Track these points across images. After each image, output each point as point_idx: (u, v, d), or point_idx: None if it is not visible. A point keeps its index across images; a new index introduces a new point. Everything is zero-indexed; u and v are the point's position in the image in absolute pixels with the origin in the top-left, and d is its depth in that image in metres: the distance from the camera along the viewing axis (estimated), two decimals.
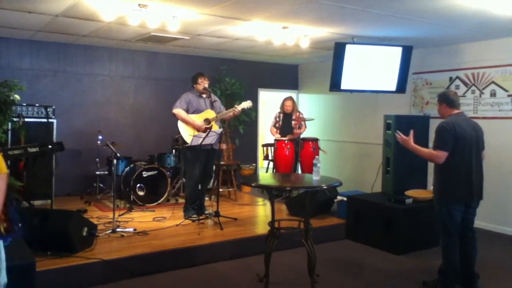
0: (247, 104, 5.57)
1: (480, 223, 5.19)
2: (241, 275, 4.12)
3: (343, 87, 6.09)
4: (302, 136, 6.97)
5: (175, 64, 7.68)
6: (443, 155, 3.56)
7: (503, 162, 5.57)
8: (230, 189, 6.96)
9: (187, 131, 5.31)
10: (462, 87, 6.07)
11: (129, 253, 4.11)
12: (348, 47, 5.85)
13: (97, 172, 6.57)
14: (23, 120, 5.73)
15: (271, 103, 9.06)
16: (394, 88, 6.26)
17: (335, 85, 6.05)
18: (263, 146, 7.37)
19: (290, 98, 7.05)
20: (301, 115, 6.95)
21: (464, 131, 3.60)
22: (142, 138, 7.42)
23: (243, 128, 7.86)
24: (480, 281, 3.78)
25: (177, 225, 5.10)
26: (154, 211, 5.85)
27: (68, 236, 3.91)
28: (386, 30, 5.42)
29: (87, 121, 6.91)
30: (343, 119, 8.01)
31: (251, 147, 8.47)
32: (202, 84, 5.45)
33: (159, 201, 6.23)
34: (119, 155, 5.43)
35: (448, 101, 3.75)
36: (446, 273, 3.69)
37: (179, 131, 5.36)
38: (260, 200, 6.82)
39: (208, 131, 5.07)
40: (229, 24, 5.23)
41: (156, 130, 7.47)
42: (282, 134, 6.90)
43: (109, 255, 3.99)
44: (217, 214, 5.13)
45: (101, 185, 6.67)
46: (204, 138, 5.03)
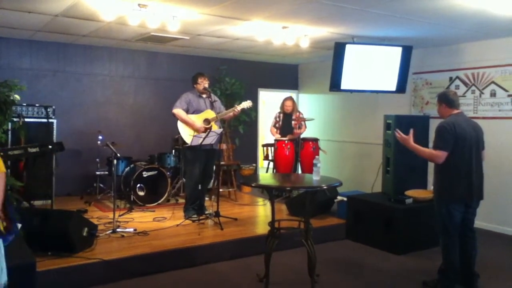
0: (247, 104, 5.56)
1: (480, 223, 5.19)
2: (241, 275, 4.12)
3: (343, 87, 6.10)
4: (302, 136, 6.97)
5: (175, 64, 7.68)
6: (443, 155, 3.57)
7: (503, 162, 5.57)
8: (230, 189, 6.96)
9: (187, 131, 5.31)
10: (462, 87, 6.07)
11: (130, 253, 4.11)
12: (348, 47, 5.85)
13: (97, 172, 6.57)
14: (23, 120, 5.72)
15: (271, 103, 9.06)
16: (394, 88, 6.26)
17: (335, 85, 6.05)
18: (263, 146, 7.37)
19: (290, 98, 7.05)
20: (301, 115, 6.95)
21: (464, 131, 3.60)
22: (142, 138, 7.42)
23: (243, 128, 7.86)
24: (480, 281, 3.79)
25: (177, 225, 5.10)
26: (154, 211, 5.86)
27: (69, 236, 3.91)
28: (386, 30, 5.42)
29: (87, 121, 6.91)
30: (343, 119, 8.01)
31: (251, 147, 8.47)
32: (202, 84, 5.45)
33: (159, 201, 6.23)
34: (119, 155, 5.43)
35: (448, 101, 3.75)
36: (446, 273, 3.69)
37: (179, 131, 5.36)
38: (260, 200, 6.82)
39: (209, 131, 5.07)
40: (229, 24, 5.23)
41: (156, 130, 7.47)
42: (282, 134, 6.90)
43: (110, 255, 4.00)
44: (217, 214, 5.14)
45: (101, 185, 6.67)
46: (204, 138, 5.03)
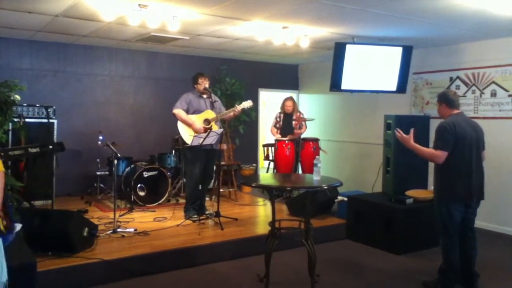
0: (247, 104, 5.55)
1: (481, 223, 5.19)
2: (242, 275, 4.12)
3: (344, 87, 6.09)
4: (303, 136, 6.96)
5: (175, 64, 7.68)
6: (443, 155, 3.56)
7: (503, 162, 5.57)
8: (231, 189, 6.96)
9: (187, 132, 5.31)
10: (463, 87, 6.07)
11: (130, 253, 4.11)
12: (348, 47, 5.85)
13: (98, 173, 6.57)
14: (24, 121, 5.73)
15: (272, 103, 9.06)
16: (395, 88, 6.26)
17: (336, 85, 6.05)
18: (264, 146, 7.37)
19: (291, 98, 7.05)
20: (302, 115, 6.95)
21: (464, 131, 3.60)
22: (142, 138, 7.42)
23: (244, 128, 7.86)
24: (480, 281, 3.79)
25: (178, 225, 5.10)
26: (155, 211, 5.86)
27: (69, 236, 3.91)
28: (386, 30, 5.42)
29: (87, 121, 6.92)
30: (344, 119, 8.01)
31: (252, 147, 8.46)
32: (203, 84, 5.45)
33: (160, 202, 6.23)
34: (120, 156, 5.43)
35: (448, 101, 3.75)
36: (446, 273, 3.69)
37: (179, 132, 5.36)
38: (261, 200, 6.82)
39: (209, 131, 5.07)
40: (229, 24, 5.23)
41: (156, 130, 7.48)
42: (283, 134, 6.90)
43: (110, 255, 4.00)
44: (218, 214, 5.14)
45: (102, 186, 6.67)
46: (205, 139, 5.03)
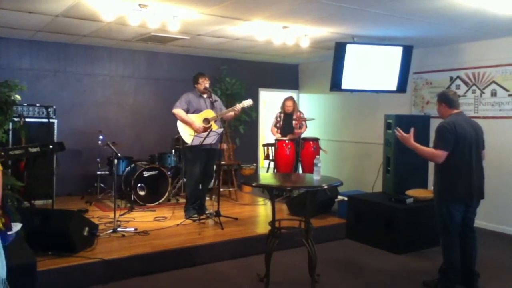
0: (247, 103, 5.54)
1: (480, 223, 5.20)
2: (242, 275, 4.13)
3: (344, 87, 6.10)
4: (303, 136, 6.97)
5: (175, 64, 7.68)
6: (443, 155, 3.56)
7: (503, 162, 5.57)
8: (231, 189, 6.96)
9: (187, 131, 5.31)
10: (463, 87, 6.07)
11: (130, 253, 4.11)
12: (349, 47, 5.84)
13: (98, 172, 6.57)
14: (24, 120, 5.72)
15: (272, 103, 9.06)
16: (395, 88, 6.26)
17: (336, 85, 6.05)
18: (264, 146, 7.37)
19: (291, 98, 7.05)
20: (302, 115, 6.95)
21: (464, 131, 3.60)
22: (142, 138, 7.42)
23: (244, 128, 7.86)
24: (480, 281, 3.78)
25: (178, 225, 5.11)
26: (155, 211, 5.86)
27: (69, 236, 3.91)
28: (386, 30, 5.42)
29: (88, 121, 6.92)
30: (344, 119, 8.01)
31: (252, 147, 8.47)
32: (203, 84, 5.45)
33: (160, 201, 6.23)
34: (120, 155, 5.43)
35: (448, 101, 3.75)
36: (447, 273, 3.69)
37: (179, 132, 5.36)
38: (261, 200, 6.82)
39: (209, 131, 5.07)
40: (229, 24, 5.23)
41: (156, 130, 7.48)
42: (283, 134, 6.91)
43: (110, 255, 4.00)
44: (218, 214, 5.14)
45: (102, 185, 6.67)
46: (205, 138, 5.03)
